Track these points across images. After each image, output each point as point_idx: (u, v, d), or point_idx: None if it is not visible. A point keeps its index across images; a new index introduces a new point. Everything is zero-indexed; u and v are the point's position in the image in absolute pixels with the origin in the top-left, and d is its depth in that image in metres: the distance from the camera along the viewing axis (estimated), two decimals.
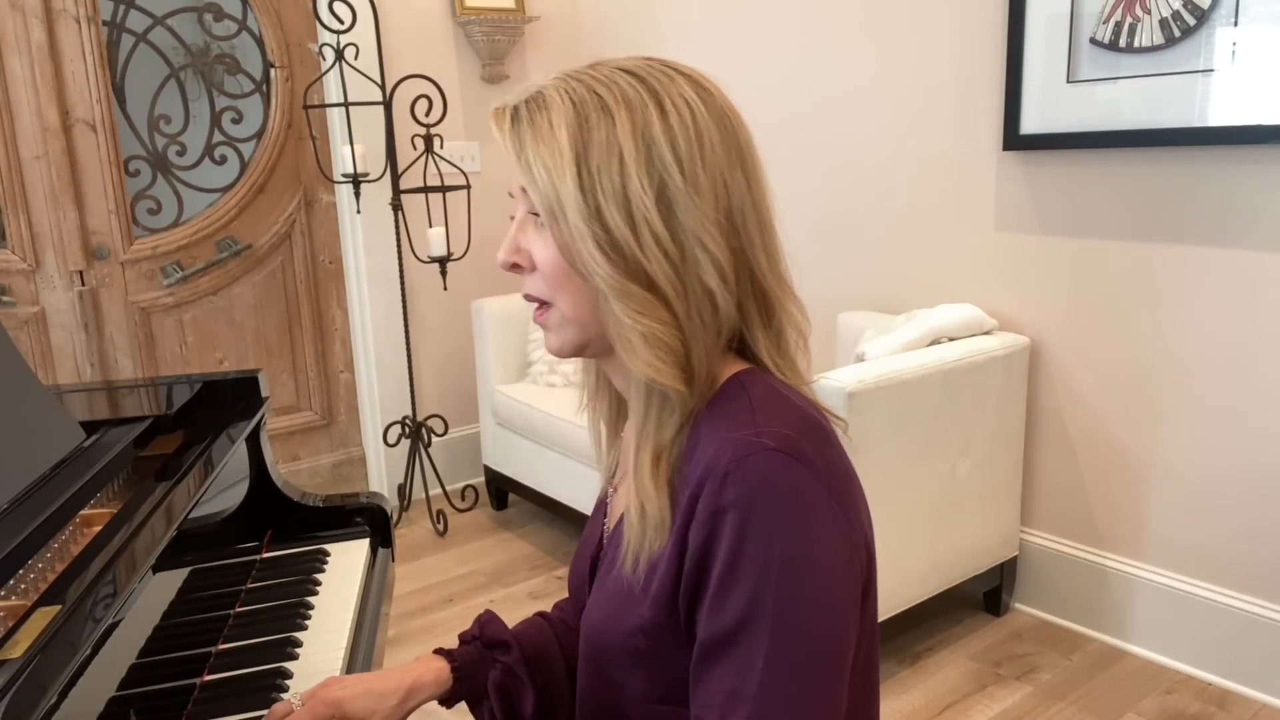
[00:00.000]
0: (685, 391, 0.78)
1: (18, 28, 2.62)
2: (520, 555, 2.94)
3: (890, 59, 2.53)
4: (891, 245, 2.62)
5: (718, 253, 0.77)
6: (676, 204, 0.76)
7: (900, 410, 2.06)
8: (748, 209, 0.80)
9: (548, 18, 3.40)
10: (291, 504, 1.47)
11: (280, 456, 3.22)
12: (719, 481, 0.73)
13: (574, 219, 0.76)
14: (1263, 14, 1.83)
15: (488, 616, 1.05)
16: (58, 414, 1.17)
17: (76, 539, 1.00)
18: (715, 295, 0.78)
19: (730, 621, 0.72)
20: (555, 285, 0.81)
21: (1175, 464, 2.14)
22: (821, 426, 0.80)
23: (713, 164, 0.78)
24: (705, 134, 0.78)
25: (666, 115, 0.77)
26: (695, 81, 0.81)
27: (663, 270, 0.76)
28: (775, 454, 0.73)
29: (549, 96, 0.79)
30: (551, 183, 0.77)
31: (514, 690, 1.01)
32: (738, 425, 0.76)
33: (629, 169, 0.76)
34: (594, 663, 0.87)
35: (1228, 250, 1.99)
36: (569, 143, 0.76)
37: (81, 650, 0.79)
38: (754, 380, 0.81)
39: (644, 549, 0.79)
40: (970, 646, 2.32)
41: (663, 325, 0.77)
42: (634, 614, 0.81)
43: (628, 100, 0.77)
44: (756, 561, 0.71)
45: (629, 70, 0.80)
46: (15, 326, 2.74)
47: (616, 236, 0.76)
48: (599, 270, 0.77)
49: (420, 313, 3.30)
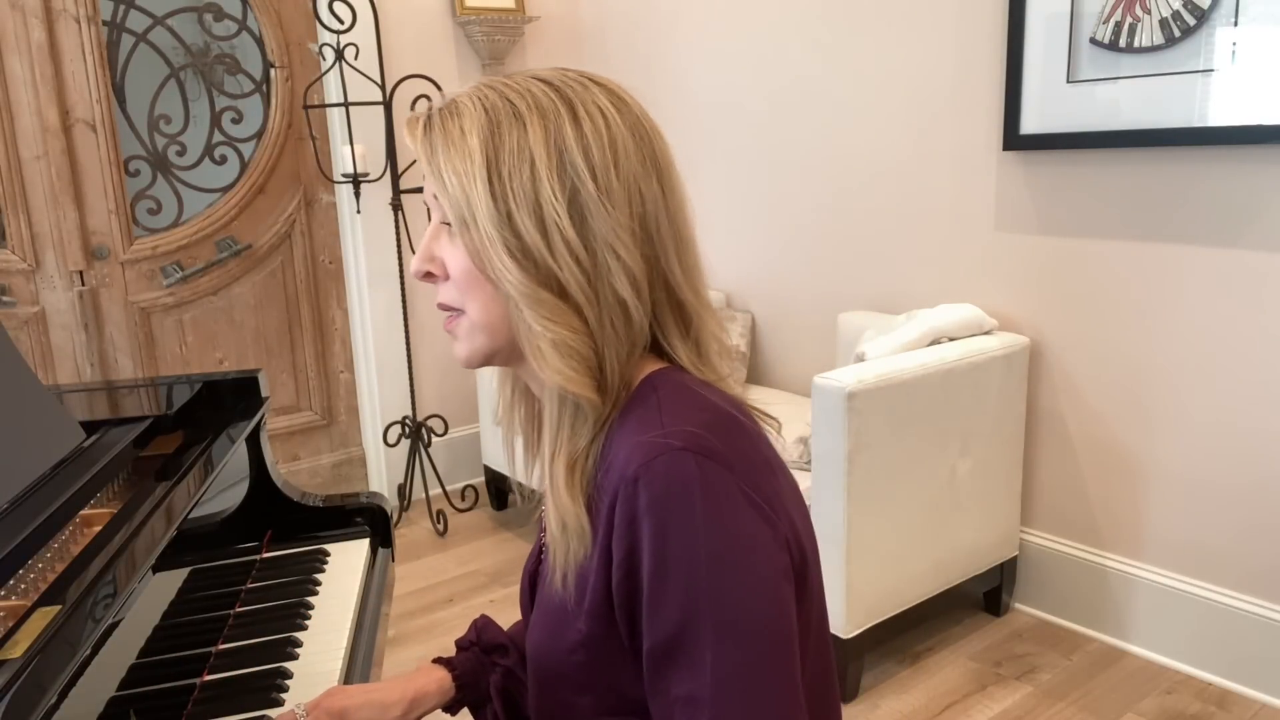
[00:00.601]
0: (597, 400, 0.77)
1: (18, 28, 2.62)
2: (520, 555, 2.94)
3: (890, 59, 2.53)
4: (891, 245, 2.62)
5: (630, 261, 0.77)
6: (589, 211, 0.76)
7: (900, 410, 2.06)
8: (662, 219, 0.79)
9: (548, 18, 3.40)
10: (291, 504, 1.47)
11: (280, 456, 3.22)
12: (631, 488, 0.72)
13: (484, 225, 0.76)
14: (1263, 14, 1.83)
15: (484, 622, 1.05)
16: (58, 414, 1.17)
17: (76, 539, 1.00)
18: (627, 304, 0.77)
19: (670, 627, 0.72)
20: (466, 292, 0.81)
21: (1175, 464, 2.14)
22: (734, 419, 0.78)
23: (626, 172, 0.77)
24: (619, 142, 0.78)
25: (580, 123, 0.77)
26: (611, 92, 0.81)
27: (574, 277, 0.76)
28: (682, 452, 0.72)
29: (461, 104, 0.79)
30: (462, 188, 0.77)
31: (516, 692, 1.00)
32: (645, 428, 0.75)
33: (540, 175, 0.75)
34: (541, 683, 0.86)
35: (1228, 250, 1.99)
36: (480, 148, 0.76)
37: (81, 650, 0.79)
38: (665, 379, 0.80)
39: (569, 562, 0.78)
40: (970, 646, 2.32)
41: (574, 333, 0.76)
42: (571, 630, 0.80)
43: (540, 108, 0.77)
44: (681, 563, 0.71)
45: (544, 79, 0.80)
46: (15, 326, 2.74)
47: (528, 242, 0.76)
48: (509, 277, 0.76)
49: (420, 313, 3.30)
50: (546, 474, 0.81)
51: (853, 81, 2.63)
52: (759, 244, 2.95)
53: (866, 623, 2.10)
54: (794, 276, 2.88)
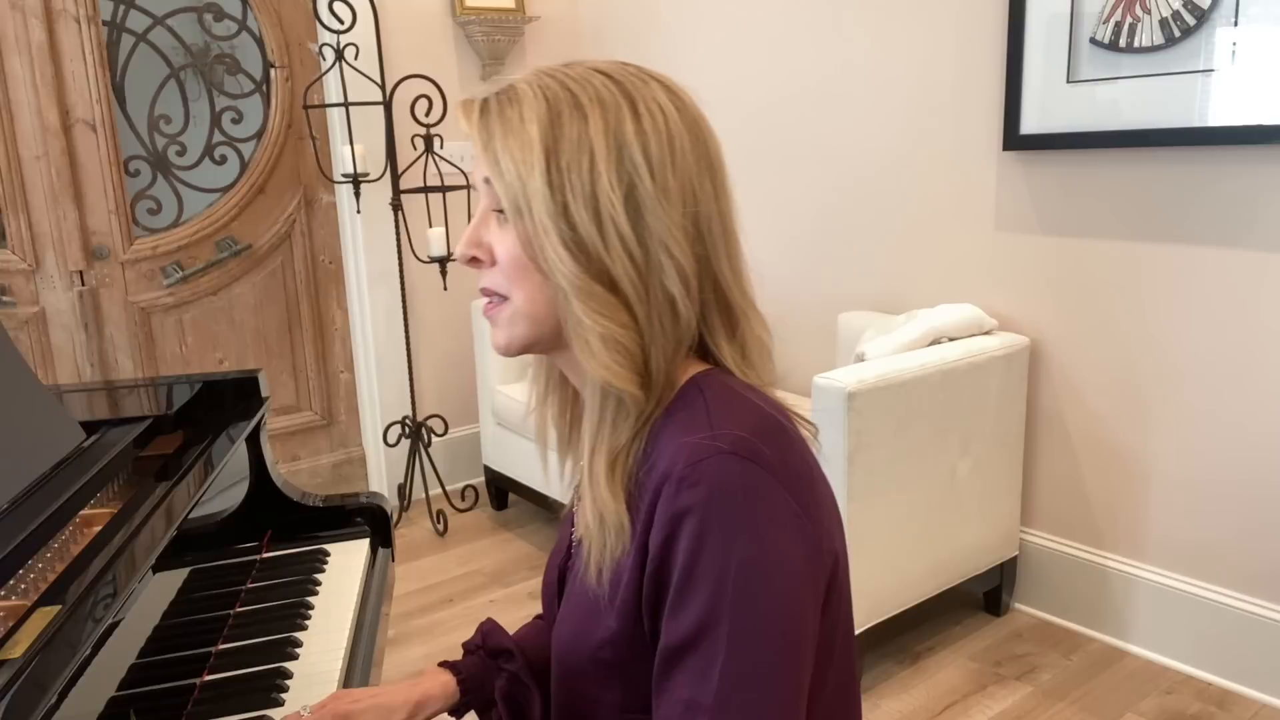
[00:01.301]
0: (641, 396, 0.77)
1: (18, 28, 2.62)
2: (520, 555, 2.94)
3: (890, 59, 2.53)
4: (891, 245, 2.62)
5: (682, 259, 0.76)
6: (644, 207, 0.75)
7: (900, 410, 2.06)
8: (714, 218, 0.79)
9: (548, 18, 3.40)
10: (291, 504, 1.47)
11: (280, 456, 3.22)
12: (675, 487, 0.72)
13: (540, 214, 0.75)
14: (1263, 14, 1.83)
15: (489, 625, 1.04)
16: (58, 414, 1.17)
17: (76, 539, 1.00)
18: (677, 302, 0.77)
19: (688, 629, 0.71)
20: (514, 280, 0.80)
21: (1175, 464, 2.14)
22: (781, 426, 0.78)
23: (683, 170, 0.77)
24: (677, 140, 0.77)
25: (640, 118, 0.76)
26: (668, 88, 0.80)
27: (626, 272, 0.76)
28: (730, 457, 0.72)
29: (521, 91, 0.78)
30: (519, 176, 0.76)
31: (521, 697, 1.00)
32: (693, 428, 0.75)
33: (599, 168, 0.75)
34: (566, 678, 0.86)
35: (1228, 250, 1.99)
36: (539, 137, 0.75)
37: (81, 650, 0.79)
38: (711, 382, 0.80)
39: (605, 558, 0.78)
40: (970, 646, 2.32)
41: (622, 328, 0.76)
42: (601, 626, 0.80)
43: (601, 100, 0.77)
44: (713, 567, 0.70)
45: (604, 71, 0.79)
46: (15, 326, 2.74)
47: (582, 235, 0.75)
48: (562, 268, 0.75)
49: (420, 313, 3.30)
50: (586, 468, 0.80)
51: (852, 81, 2.63)
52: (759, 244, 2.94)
53: (866, 622, 2.10)
54: (794, 276, 2.88)
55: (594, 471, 0.79)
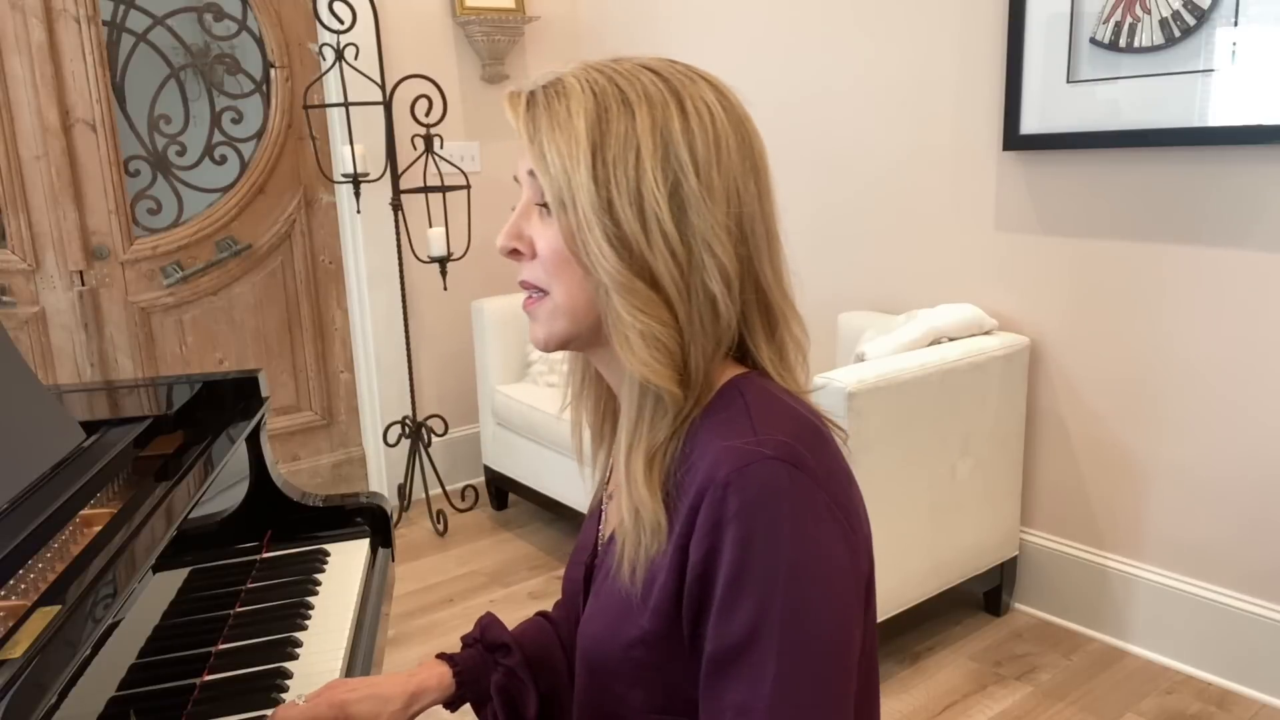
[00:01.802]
0: (679, 394, 0.77)
1: (18, 28, 2.62)
2: (520, 555, 2.94)
3: (890, 59, 2.53)
4: (891, 245, 2.62)
5: (725, 259, 0.76)
6: (689, 205, 0.75)
7: (900, 410, 2.06)
8: (757, 219, 0.79)
9: (548, 18, 3.40)
10: (291, 504, 1.46)
11: (280, 456, 3.22)
12: (720, 492, 0.71)
13: (584, 209, 0.75)
14: (1263, 14, 1.83)
15: (488, 619, 1.04)
16: (58, 414, 1.17)
17: (76, 539, 1.00)
18: (718, 301, 0.77)
19: (738, 635, 0.71)
20: (554, 274, 0.80)
21: (1175, 464, 2.14)
22: (819, 431, 0.78)
23: (728, 170, 0.77)
24: (723, 139, 0.77)
25: (687, 116, 0.76)
26: (716, 87, 0.80)
27: (668, 270, 0.75)
28: (775, 462, 0.72)
29: (568, 85, 0.78)
30: (564, 170, 0.76)
31: (517, 693, 1.00)
32: (735, 433, 0.74)
33: (645, 165, 0.75)
34: (592, 674, 0.86)
35: (1228, 250, 1.99)
36: (586, 132, 0.75)
37: (81, 650, 0.79)
38: (750, 385, 0.80)
39: (640, 556, 0.78)
40: (970, 646, 2.32)
41: (663, 325, 0.76)
42: (633, 625, 0.79)
43: (649, 97, 0.77)
44: (761, 573, 0.70)
45: (652, 69, 0.79)
46: (15, 326, 2.74)
47: (625, 231, 0.75)
48: (604, 263, 0.75)
49: (420, 313, 3.30)
50: (622, 466, 0.80)
51: (853, 81, 2.63)
52: None
53: None
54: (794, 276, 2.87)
55: (631, 469, 0.78)
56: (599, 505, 0.98)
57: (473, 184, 3.10)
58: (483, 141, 3.34)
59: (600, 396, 0.94)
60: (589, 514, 1.00)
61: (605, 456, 0.97)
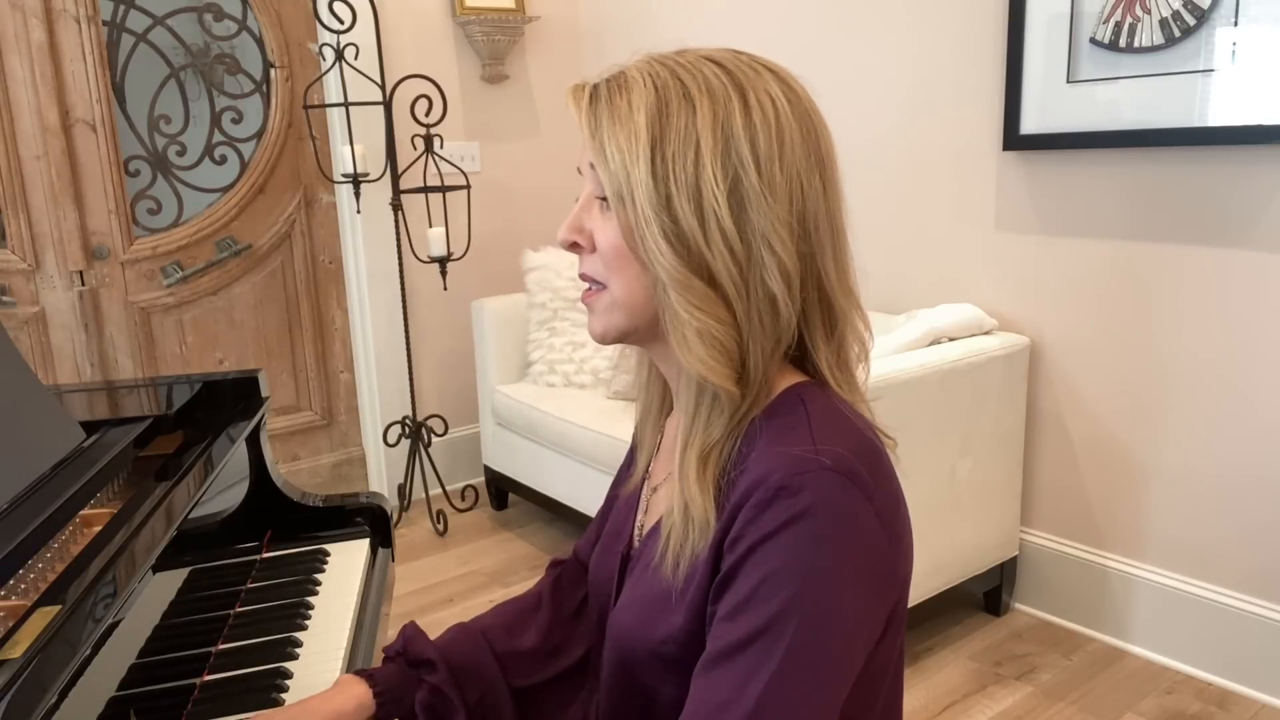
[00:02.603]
0: (736, 393, 0.76)
1: (18, 28, 2.62)
2: (520, 555, 2.94)
3: (890, 59, 2.53)
4: (891, 245, 2.62)
5: (785, 256, 0.75)
6: (748, 202, 0.74)
7: (900, 410, 2.05)
8: (821, 215, 0.78)
9: (548, 18, 3.40)
10: (291, 504, 1.46)
11: (280, 456, 3.22)
12: (770, 493, 0.71)
13: (643, 205, 0.75)
14: (1263, 14, 1.83)
15: (411, 630, 1.00)
16: (58, 414, 1.17)
17: (76, 539, 1.00)
18: (777, 300, 0.75)
19: (748, 630, 0.70)
20: (613, 268, 0.79)
21: (1175, 464, 2.14)
22: (877, 450, 0.78)
23: (791, 165, 0.76)
24: (787, 134, 0.76)
25: (750, 110, 0.75)
26: (782, 80, 0.79)
27: (726, 268, 0.74)
28: (832, 474, 0.71)
29: (631, 78, 0.77)
30: (624, 165, 0.75)
31: (444, 712, 0.96)
32: (795, 440, 0.74)
33: (704, 161, 0.74)
34: (622, 666, 0.85)
35: (1228, 250, 1.99)
36: (646, 127, 0.74)
37: (81, 650, 0.79)
38: (813, 396, 0.79)
39: (685, 551, 0.77)
40: (970, 646, 2.32)
41: (720, 323, 0.75)
42: (666, 620, 0.79)
43: (711, 91, 0.75)
44: (788, 580, 0.70)
45: (716, 60, 0.78)
46: (15, 326, 2.74)
47: (684, 227, 0.74)
48: (662, 260, 0.75)
49: (420, 313, 3.30)
50: (677, 461, 0.79)
51: (853, 82, 2.63)
52: None
53: None
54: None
55: (684, 465, 0.78)
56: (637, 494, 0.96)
57: (473, 184, 3.10)
58: (483, 141, 3.34)
59: (664, 389, 0.93)
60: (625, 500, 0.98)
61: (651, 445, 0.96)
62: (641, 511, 0.94)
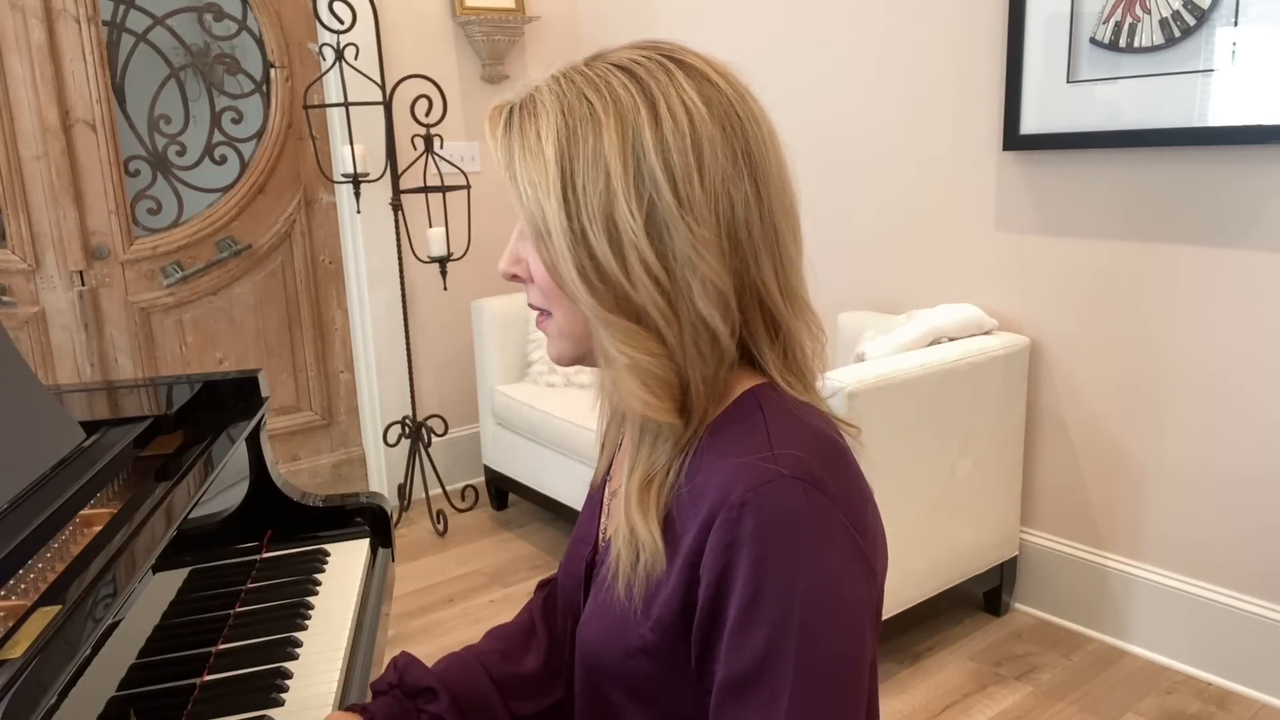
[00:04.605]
0: (678, 423, 0.73)
1: (18, 28, 2.62)
2: (520, 555, 2.94)
3: (890, 59, 2.53)
4: (891, 245, 2.62)
5: (714, 278, 0.71)
6: (668, 227, 0.69)
7: (900, 410, 2.06)
8: (753, 223, 0.73)
9: (548, 18, 3.40)
10: (291, 504, 1.46)
11: (280, 456, 3.22)
12: (735, 512, 0.68)
13: (558, 241, 0.71)
14: (1263, 14, 1.83)
15: (405, 660, 0.95)
16: (58, 414, 1.17)
17: (76, 539, 1.00)
18: (711, 323, 0.71)
19: (751, 660, 0.68)
20: (550, 299, 0.77)
21: (1175, 464, 2.14)
22: (838, 447, 0.75)
23: (711, 177, 0.71)
24: (705, 143, 0.71)
25: (660, 123, 0.70)
26: (700, 76, 0.73)
27: (652, 300, 0.70)
28: (793, 482, 0.69)
29: (540, 103, 0.73)
30: (537, 200, 0.71)
31: None
32: (751, 448, 0.71)
33: (615, 188, 0.69)
34: (590, 679, 0.83)
35: (1228, 250, 1.99)
36: (555, 158, 0.70)
37: (81, 650, 0.79)
38: (769, 398, 0.76)
39: (636, 575, 0.75)
40: (970, 646, 2.32)
41: (652, 356, 0.71)
42: (634, 635, 0.76)
43: (619, 107, 0.71)
44: (778, 597, 0.67)
45: (625, 68, 0.73)
46: (15, 326, 2.74)
47: (601, 262, 0.70)
48: (581, 298, 0.72)
49: (420, 313, 3.30)
50: (624, 485, 0.77)
51: (853, 82, 2.63)
52: None
53: None
54: None
55: (629, 490, 0.76)
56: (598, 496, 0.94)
57: (473, 184, 3.10)
58: (483, 141, 3.34)
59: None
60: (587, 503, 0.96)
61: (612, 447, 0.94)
62: (604, 515, 0.92)
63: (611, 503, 0.91)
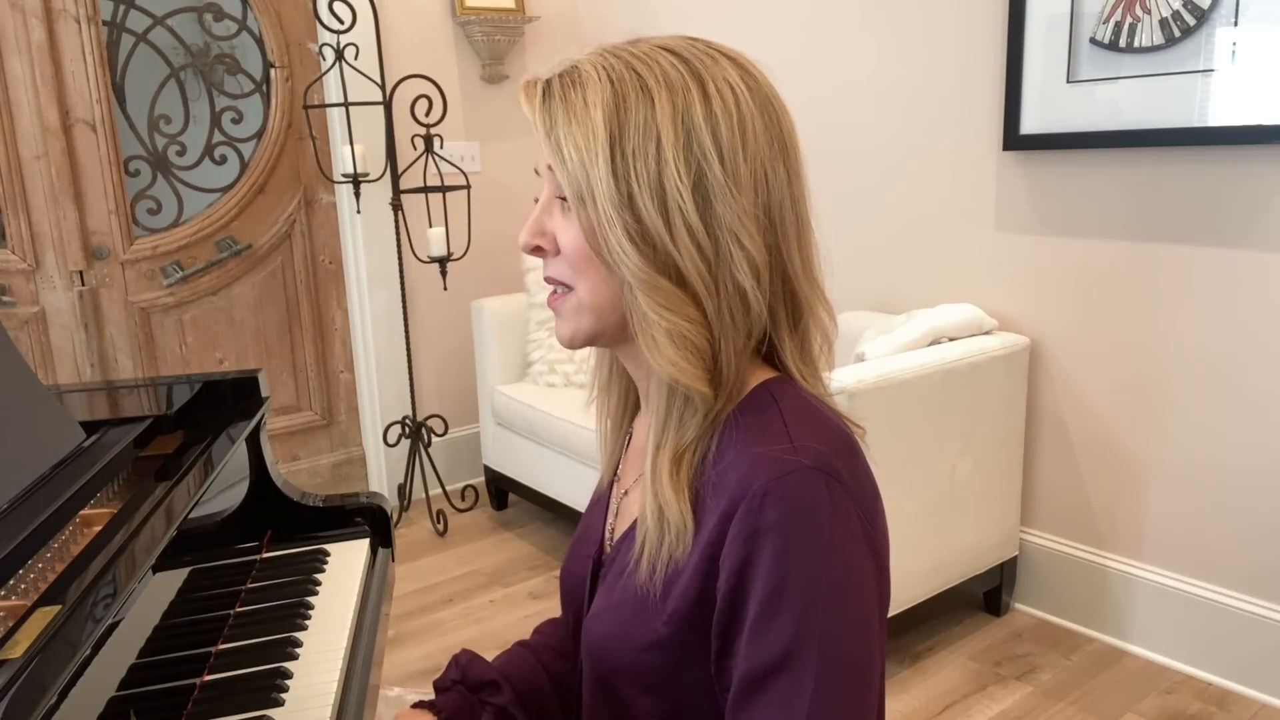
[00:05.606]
0: (710, 393, 0.74)
1: (18, 28, 2.62)
2: (520, 555, 2.94)
3: (890, 59, 2.53)
4: (891, 245, 2.62)
5: (753, 249, 0.73)
6: (714, 196, 0.72)
7: (900, 410, 2.06)
8: (786, 205, 0.76)
9: (548, 18, 3.40)
10: (291, 504, 1.46)
11: (280, 456, 3.22)
12: (756, 501, 0.68)
13: (604, 205, 0.72)
14: (1263, 14, 1.83)
15: (467, 657, 0.97)
16: (58, 414, 1.17)
17: (76, 539, 1.00)
18: (747, 294, 0.73)
19: (774, 652, 0.68)
20: (578, 271, 0.76)
21: (1175, 464, 2.14)
22: (851, 442, 0.76)
23: (755, 155, 0.73)
24: (749, 122, 0.73)
25: (709, 100, 0.72)
26: (740, 66, 0.76)
27: (694, 265, 0.72)
28: (814, 473, 0.69)
29: (585, 72, 0.74)
30: (582, 164, 0.72)
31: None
32: (770, 439, 0.72)
33: (666, 155, 0.71)
34: (599, 676, 0.82)
35: (1228, 250, 1.99)
36: (604, 123, 0.72)
37: (81, 650, 0.79)
38: (784, 391, 0.77)
39: (662, 555, 0.74)
40: (970, 646, 2.32)
41: (690, 323, 0.72)
42: (648, 628, 0.76)
43: (669, 82, 0.73)
44: (801, 587, 0.68)
45: (671, 49, 0.76)
46: (15, 326, 2.74)
47: (648, 226, 0.71)
48: (627, 261, 0.72)
49: (420, 313, 3.30)
50: (649, 464, 0.77)
51: (853, 82, 2.63)
52: None
53: None
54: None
55: (657, 468, 0.76)
56: (604, 496, 0.94)
57: (473, 184, 3.10)
58: (483, 141, 3.34)
59: (626, 389, 0.91)
60: (592, 504, 0.96)
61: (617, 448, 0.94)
62: (612, 515, 0.91)
63: (623, 502, 0.91)
